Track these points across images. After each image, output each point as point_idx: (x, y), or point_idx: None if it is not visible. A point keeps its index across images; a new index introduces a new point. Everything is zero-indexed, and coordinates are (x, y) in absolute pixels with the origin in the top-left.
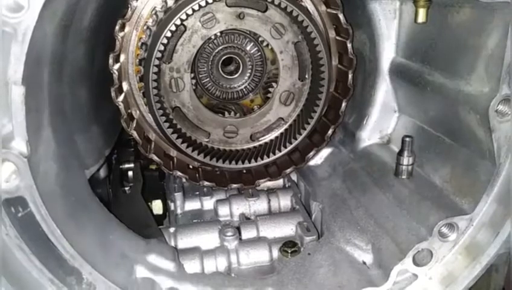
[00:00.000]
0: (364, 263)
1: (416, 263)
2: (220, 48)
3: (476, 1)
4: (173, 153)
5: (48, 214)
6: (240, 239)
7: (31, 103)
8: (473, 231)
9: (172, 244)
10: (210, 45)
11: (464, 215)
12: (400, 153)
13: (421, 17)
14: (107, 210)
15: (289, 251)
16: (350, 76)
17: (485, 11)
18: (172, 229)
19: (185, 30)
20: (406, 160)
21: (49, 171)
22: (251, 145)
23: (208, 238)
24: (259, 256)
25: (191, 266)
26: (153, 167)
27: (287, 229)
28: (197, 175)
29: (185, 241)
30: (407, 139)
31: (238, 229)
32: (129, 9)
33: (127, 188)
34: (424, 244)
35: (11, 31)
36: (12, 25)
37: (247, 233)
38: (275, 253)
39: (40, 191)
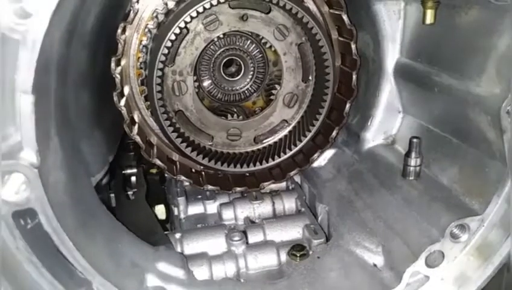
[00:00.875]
0: (375, 265)
1: (428, 264)
2: (222, 49)
3: (487, 2)
4: (175, 157)
5: (59, 225)
6: (247, 243)
7: (39, 112)
8: (484, 231)
9: (179, 250)
10: (212, 46)
11: (475, 216)
12: (408, 154)
13: (429, 18)
14: (114, 218)
15: (298, 255)
16: (354, 77)
17: (495, 12)
18: (178, 235)
19: (188, 33)
20: (413, 161)
21: (58, 181)
22: (255, 147)
23: (214, 243)
24: (268, 260)
25: (200, 272)
26: (154, 170)
27: (294, 232)
28: (201, 179)
29: (191, 246)
30: (415, 140)
31: (245, 233)
32: (131, 11)
33: (129, 193)
34: (436, 246)
35: (19, 38)
36: (21, 32)
37: (254, 237)
38: (283, 257)
39: (51, 202)
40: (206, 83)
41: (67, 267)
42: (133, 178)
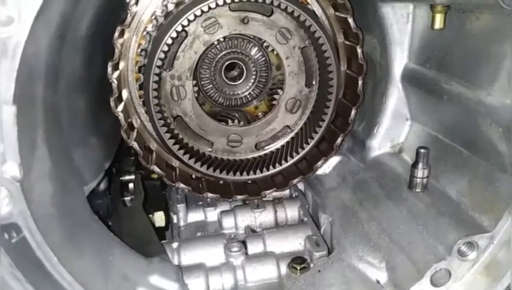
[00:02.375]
0: (378, 281)
1: (433, 283)
2: (223, 53)
3: (498, 7)
4: (175, 163)
5: (44, 240)
6: (246, 254)
7: (23, 122)
8: (493, 249)
9: (176, 260)
10: (212, 50)
11: (485, 234)
12: (415, 165)
13: (438, 23)
14: (107, 228)
15: (298, 268)
16: (360, 82)
17: (508, 17)
18: (175, 245)
19: (186, 36)
20: (420, 172)
21: (45, 192)
22: (256, 154)
23: (212, 254)
24: (267, 272)
25: (196, 284)
26: (155, 176)
27: (295, 243)
28: (201, 186)
29: (188, 257)
30: (422, 150)
31: (244, 243)
32: (128, 15)
33: (127, 198)
34: (442, 264)
35: (0, 47)
36: (2, 40)
37: (254, 248)
38: (283, 269)
39: (35, 216)
40: (206, 88)
41: (52, 283)
42: (131, 185)
